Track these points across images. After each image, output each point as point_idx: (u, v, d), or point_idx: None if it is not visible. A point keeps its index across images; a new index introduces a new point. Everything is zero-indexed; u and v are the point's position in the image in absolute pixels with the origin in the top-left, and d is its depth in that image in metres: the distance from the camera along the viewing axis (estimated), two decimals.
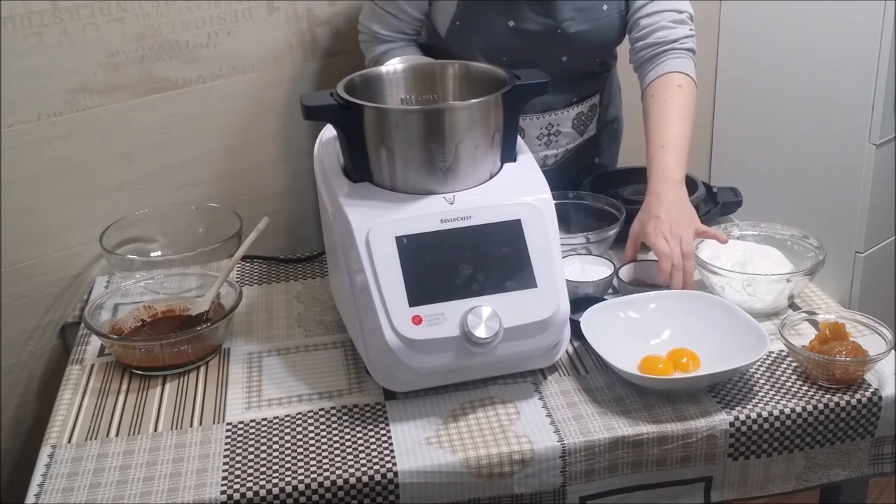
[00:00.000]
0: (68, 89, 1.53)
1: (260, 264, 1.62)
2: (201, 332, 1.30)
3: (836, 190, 2.23)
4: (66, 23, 1.50)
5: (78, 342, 1.40)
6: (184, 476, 1.10)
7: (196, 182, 1.72)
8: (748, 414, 1.16)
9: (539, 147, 1.64)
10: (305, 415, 1.20)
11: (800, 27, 2.21)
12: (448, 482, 1.11)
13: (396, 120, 1.20)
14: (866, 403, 1.19)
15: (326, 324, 1.40)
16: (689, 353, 1.23)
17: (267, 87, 1.75)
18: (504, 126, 1.24)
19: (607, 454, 1.14)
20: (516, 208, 1.20)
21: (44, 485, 1.10)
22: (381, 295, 1.14)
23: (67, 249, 1.60)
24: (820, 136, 2.23)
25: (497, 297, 1.16)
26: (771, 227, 1.47)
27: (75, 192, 1.58)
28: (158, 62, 1.61)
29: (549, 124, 1.64)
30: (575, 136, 1.69)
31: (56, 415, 1.23)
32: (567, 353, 1.29)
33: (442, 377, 1.21)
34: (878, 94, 2.08)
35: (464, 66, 1.34)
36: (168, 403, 1.24)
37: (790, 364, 1.26)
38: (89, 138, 1.58)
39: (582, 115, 1.67)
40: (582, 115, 1.68)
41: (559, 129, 1.66)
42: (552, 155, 1.67)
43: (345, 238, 1.18)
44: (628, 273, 1.42)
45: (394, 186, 1.22)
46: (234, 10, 1.66)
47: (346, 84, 1.24)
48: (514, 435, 1.14)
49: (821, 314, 1.32)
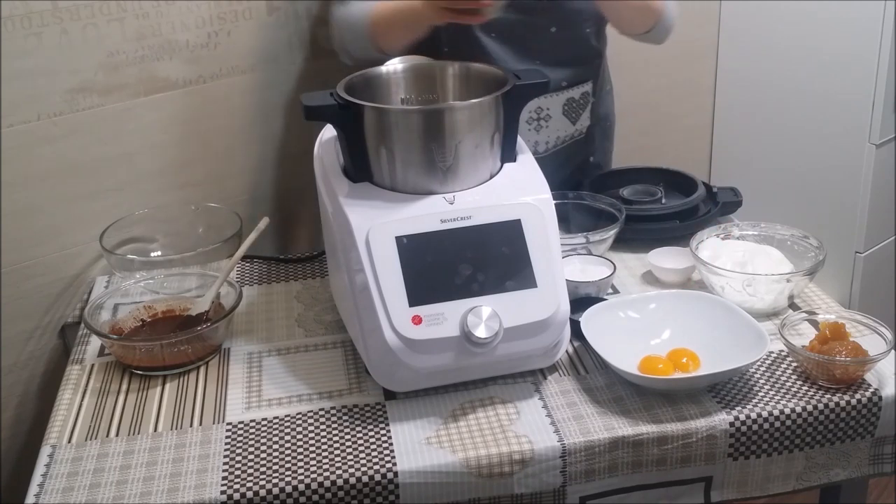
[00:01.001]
0: (68, 89, 1.53)
1: (260, 264, 1.62)
2: (201, 332, 1.30)
3: (836, 190, 2.22)
4: (66, 23, 1.50)
5: (78, 342, 1.40)
6: (184, 476, 1.10)
7: (196, 182, 1.72)
8: (748, 414, 1.16)
9: (529, 132, 1.64)
10: (305, 415, 1.20)
11: (800, 27, 2.21)
12: (448, 482, 1.11)
13: (396, 120, 1.20)
14: (866, 403, 1.19)
15: (326, 324, 1.41)
16: (689, 353, 1.23)
17: (267, 87, 1.75)
18: (504, 126, 1.24)
19: (607, 454, 1.14)
20: (516, 208, 1.20)
21: (44, 485, 1.10)
22: (381, 295, 1.14)
23: (67, 249, 1.60)
24: (820, 136, 2.23)
25: (497, 297, 1.16)
26: (771, 227, 1.47)
27: (75, 192, 1.58)
28: (158, 62, 1.61)
29: (539, 107, 1.64)
30: (567, 124, 1.68)
31: (56, 415, 1.23)
32: (567, 353, 1.29)
33: (442, 377, 1.21)
34: (878, 94, 2.08)
35: (464, 66, 1.34)
36: (168, 403, 1.24)
37: (790, 364, 1.26)
38: (89, 138, 1.58)
39: (573, 101, 1.67)
40: (573, 102, 1.67)
41: (549, 114, 1.65)
42: (542, 141, 1.67)
43: (345, 238, 1.19)
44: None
45: (394, 186, 1.22)
46: (234, 10, 1.66)
47: (346, 84, 1.24)
48: (514, 435, 1.14)
49: (821, 314, 1.32)
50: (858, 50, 2.09)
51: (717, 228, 1.49)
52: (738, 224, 1.52)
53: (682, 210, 1.59)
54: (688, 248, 1.42)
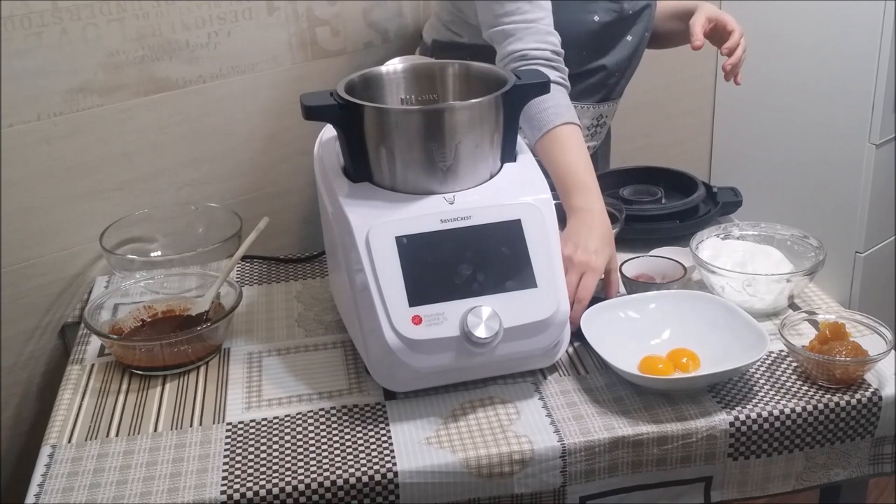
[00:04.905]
0: (68, 89, 1.53)
1: (260, 264, 1.62)
2: (201, 332, 1.30)
3: (836, 190, 2.23)
4: (66, 23, 1.50)
5: (78, 342, 1.40)
6: (184, 476, 1.10)
7: (196, 182, 1.72)
8: (748, 414, 1.16)
9: (586, 137, 1.65)
10: (305, 415, 1.20)
11: (800, 27, 2.21)
12: (448, 482, 1.11)
13: (396, 120, 1.20)
14: (866, 403, 1.19)
15: (326, 324, 1.41)
16: (689, 353, 1.23)
17: (267, 87, 1.75)
18: (504, 126, 1.24)
19: (607, 454, 1.14)
20: (516, 208, 1.20)
21: (44, 485, 1.10)
22: (381, 295, 1.14)
23: (67, 249, 1.60)
24: (820, 136, 2.24)
25: (497, 297, 1.16)
26: (771, 227, 1.47)
27: (75, 192, 1.58)
28: (158, 62, 1.61)
29: (601, 115, 1.66)
30: (607, 129, 1.73)
31: (56, 415, 1.23)
32: (567, 353, 1.29)
33: (442, 377, 1.21)
34: (878, 94, 2.09)
35: (464, 66, 1.34)
36: (168, 403, 1.24)
37: (790, 364, 1.26)
38: (89, 138, 1.58)
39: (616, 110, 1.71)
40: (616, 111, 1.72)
41: (605, 121, 1.69)
42: (592, 146, 1.70)
43: (345, 238, 1.19)
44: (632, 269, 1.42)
45: (394, 186, 1.22)
46: (234, 10, 1.66)
47: (346, 84, 1.24)
48: (514, 435, 1.14)
49: (821, 314, 1.32)
50: (858, 50, 2.09)
51: (717, 228, 1.49)
52: (738, 224, 1.52)
53: (682, 210, 1.59)
54: (688, 248, 1.42)
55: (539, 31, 1.44)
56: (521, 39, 1.44)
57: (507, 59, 1.44)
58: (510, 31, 1.45)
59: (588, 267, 1.29)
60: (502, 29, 1.45)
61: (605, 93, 1.66)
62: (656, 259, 1.44)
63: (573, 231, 1.33)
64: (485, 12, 1.48)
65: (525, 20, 1.44)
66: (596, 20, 1.55)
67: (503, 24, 1.45)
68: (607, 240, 1.34)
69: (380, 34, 1.85)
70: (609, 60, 1.61)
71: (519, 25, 1.44)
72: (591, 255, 1.29)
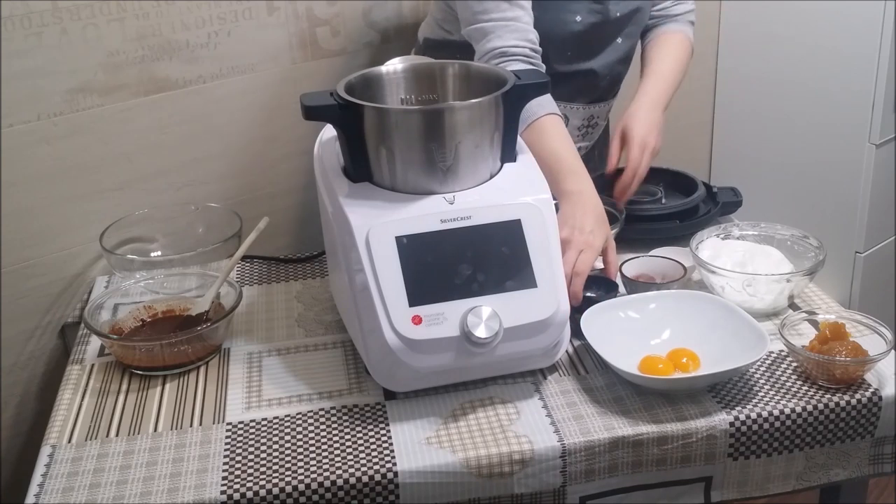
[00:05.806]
0: (68, 89, 1.53)
1: (260, 264, 1.62)
2: (201, 332, 1.30)
3: (836, 190, 2.22)
4: (66, 23, 1.50)
5: (78, 342, 1.40)
6: (184, 476, 1.10)
7: (196, 182, 1.72)
8: (748, 414, 1.16)
9: (577, 138, 1.66)
10: (305, 415, 1.20)
11: (800, 27, 2.21)
12: (448, 482, 1.11)
13: (396, 120, 1.20)
14: (866, 403, 1.19)
15: (326, 324, 1.40)
16: (689, 353, 1.23)
17: (267, 87, 1.75)
18: (504, 126, 1.24)
19: (607, 454, 1.14)
20: (516, 208, 1.20)
21: (44, 485, 1.10)
22: (381, 295, 1.14)
23: (67, 249, 1.60)
24: (820, 136, 2.23)
25: (497, 297, 1.16)
26: (771, 227, 1.47)
27: (75, 192, 1.58)
28: (158, 62, 1.61)
29: (591, 115, 1.66)
30: (600, 130, 1.73)
31: (56, 415, 1.23)
32: (567, 353, 1.29)
33: (442, 377, 1.21)
34: (878, 94, 2.08)
35: (464, 66, 1.34)
36: (168, 403, 1.24)
37: (790, 364, 1.26)
38: (89, 138, 1.58)
39: (610, 111, 1.71)
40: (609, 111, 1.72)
41: (597, 122, 1.70)
42: (584, 147, 1.71)
43: (345, 238, 1.19)
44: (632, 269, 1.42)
45: (394, 186, 1.22)
46: (234, 10, 1.66)
47: (346, 84, 1.24)
48: (514, 435, 1.14)
49: (821, 314, 1.32)
50: (858, 50, 2.09)
51: (717, 228, 1.49)
52: (738, 224, 1.52)
53: (682, 210, 1.59)
54: (688, 248, 1.42)
55: (517, 29, 1.45)
56: (500, 37, 1.45)
57: (486, 57, 1.46)
58: (489, 29, 1.46)
59: (586, 245, 1.31)
60: (481, 26, 1.46)
61: (595, 94, 1.66)
62: (656, 259, 1.44)
63: (567, 214, 1.35)
64: (464, 10, 1.50)
65: (504, 18, 1.45)
66: (578, 20, 1.55)
67: (482, 22, 1.46)
68: (602, 219, 1.36)
69: (379, 34, 1.85)
70: (597, 63, 1.61)
71: (497, 23, 1.45)
72: (587, 234, 1.32)
